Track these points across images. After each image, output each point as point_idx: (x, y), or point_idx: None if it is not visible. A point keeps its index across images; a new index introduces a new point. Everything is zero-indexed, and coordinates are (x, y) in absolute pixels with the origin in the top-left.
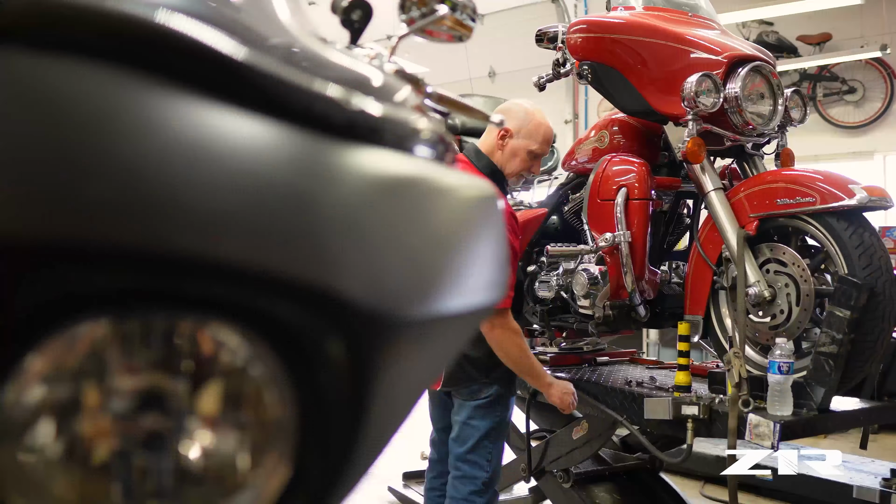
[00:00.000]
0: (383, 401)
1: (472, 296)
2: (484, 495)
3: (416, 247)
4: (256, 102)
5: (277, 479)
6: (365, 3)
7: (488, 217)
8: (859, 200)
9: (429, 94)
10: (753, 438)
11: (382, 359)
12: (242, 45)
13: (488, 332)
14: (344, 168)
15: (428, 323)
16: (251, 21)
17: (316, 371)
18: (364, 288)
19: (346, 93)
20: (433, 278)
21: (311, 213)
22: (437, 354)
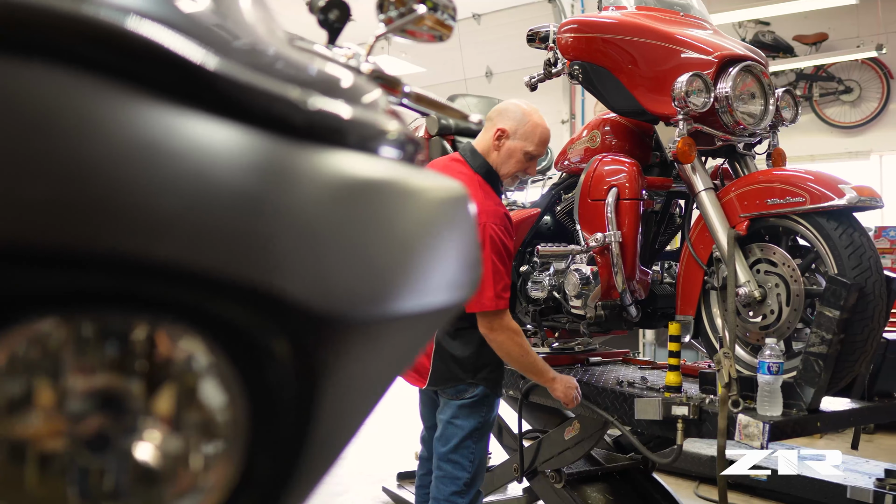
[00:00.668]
0: (335, 401)
1: (432, 296)
2: (465, 496)
3: (370, 247)
4: (209, 103)
5: (226, 479)
6: (342, 3)
7: (454, 218)
8: (849, 200)
9: (407, 93)
10: (743, 439)
11: (331, 359)
12: (195, 45)
13: (488, 334)
14: (296, 169)
15: (383, 323)
16: (206, 20)
17: (263, 371)
18: (310, 288)
19: (303, 93)
20: (388, 279)
21: (257, 214)
22: (396, 355)
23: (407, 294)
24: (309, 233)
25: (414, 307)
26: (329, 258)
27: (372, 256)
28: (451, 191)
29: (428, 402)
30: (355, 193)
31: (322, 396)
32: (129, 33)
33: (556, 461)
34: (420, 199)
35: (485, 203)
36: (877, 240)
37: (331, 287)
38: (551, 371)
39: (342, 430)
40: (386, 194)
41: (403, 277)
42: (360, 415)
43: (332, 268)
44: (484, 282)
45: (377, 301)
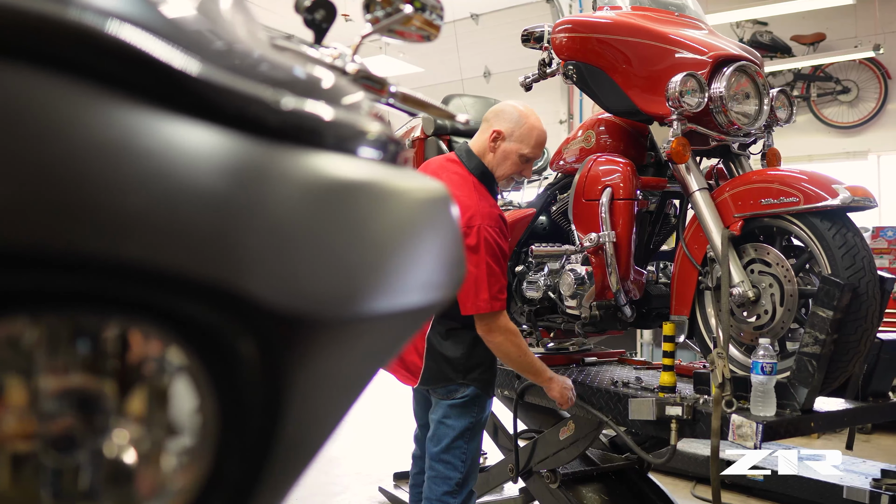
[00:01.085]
0: (305, 402)
1: (408, 296)
2: (457, 496)
3: (341, 248)
4: (178, 102)
5: (195, 479)
6: (328, 3)
7: (432, 218)
8: (842, 200)
9: (393, 93)
10: (736, 439)
11: (299, 359)
12: (164, 44)
13: (486, 335)
14: (267, 169)
15: (354, 323)
16: (177, 19)
17: (231, 372)
18: (277, 289)
19: (277, 94)
20: (359, 279)
21: (224, 214)
22: (371, 355)
23: (380, 294)
24: (277, 233)
25: (388, 307)
26: (298, 258)
27: (343, 257)
28: (432, 192)
29: (421, 400)
30: (327, 194)
31: (290, 397)
32: (95, 31)
33: (552, 461)
34: (397, 200)
35: (479, 205)
36: (874, 240)
37: (299, 287)
38: (548, 371)
39: (315, 431)
40: (360, 195)
41: (376, 277)
42: (335, 415)
43: (300, 268)
44: (479, 284)
45: (348, 301)
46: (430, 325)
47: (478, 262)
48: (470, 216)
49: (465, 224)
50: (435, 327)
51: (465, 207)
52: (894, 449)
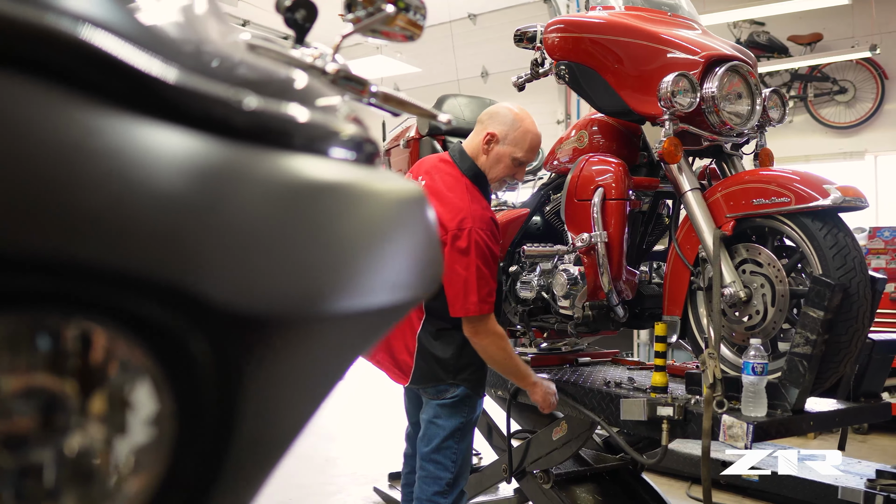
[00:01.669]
0: (264, 402)
1: (374, 295)
2: (448, 496)
3: (302, 248)
4: (138, 102)
5: (150, 479)
6: (309, 3)
7: (403, 219)
8: (833, 200)
9: (374, 93)
10: (727, 439)
11: (256, 359)
12: (124, 44)
13: (472, 337)
14: (226, 169)
15: (314, 323)
16: (140, 20)
17: (186, 371)
18: (232, 289)
19: (240, 94)
20: (320, 279)
21: (179, 214)
22: (337, 355)
23: (343, 294)
24: (233, 233)
25: (351, 307)
26: (254, 259)
27: (303, 257)
28: (404, 193)
29: (413, 398)
30: (289, 194)
31: (247, 396)
32: (53, 31)
33: (545, 461)
34: (364, 201)
35: (471, 207)
36: (871, 240)
37: (254, 287)
38: (533, 375)
39: (279, 430)
40: (325, 195)
41: (338, 277)
42: (301, 414)
43: (256, 268)
44: (468, 287)
45: (307, 301)
46: (420, 325)
47: (468, 264)
48: (462, 218)
49: (456, 226)
50: (425, 327)
51: (457, 210)
52: (891, 449)
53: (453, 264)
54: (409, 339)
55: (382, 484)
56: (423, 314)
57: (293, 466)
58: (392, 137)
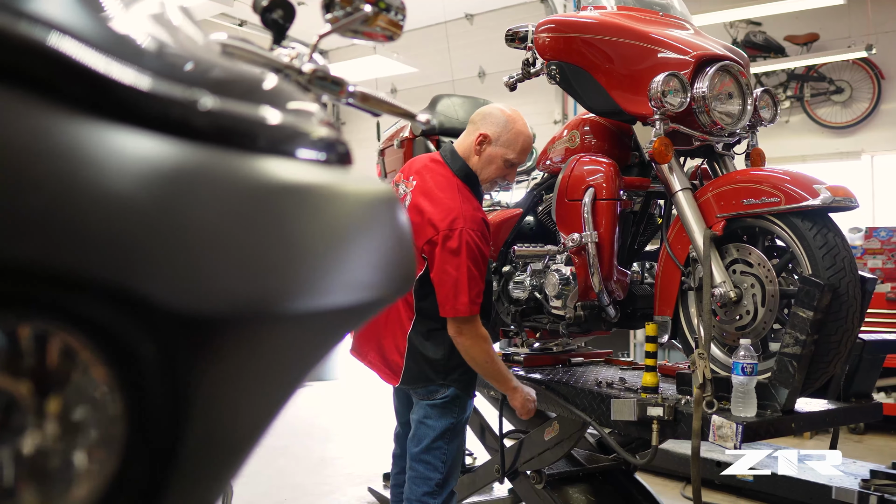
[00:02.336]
0: (216, 401)
1: (334, 296)
2: (438, 496)
3: (256, 249)
4: (86, 102)
5: (100, 479)
6: (286, 3)
7: (366, 219)
8: (823, 200)
9: (352, 93)
10: (717, 440)
11: (205, 359)
12: (74, 43)
13: (456, 337)
14: (177, 171)
15: (270, 323)
16: (96, 21)
17: (135, 372)
18: (177, 290)
19: (195, 95)
20: (274, 279)
21: (125, 216)
22: (296, 354)
23: (300, 294)
24: (180, 235)
25: (310, 307)
26: (203, 260)
27: (257, 258)
28: (370, 194)
29: (403, 398)
30: (243, 195)
31: (197, 396)
32: None
33: (537, 462)
34: (326, 201)
35: (463, 208)
36: (867, 240)
37: (203, 289)
38: (513, 380)
39: (235, 431)
40: (282, 196)
41: (294, 278)
42: (261, 415)
43: (205, 269)
44: (459, 287)
45: (260, 302)
46: (411, 326)
47: (458, 265)
48: (453, 219)
49: (447, 227)
50: (416, 328)
51: (449, 210)
52: (887, 450)
53: (444, 264)
54: (399, 340)
55: (377, 484)
56: (414, 315)
57: (288, 466)
58: (386, 137)
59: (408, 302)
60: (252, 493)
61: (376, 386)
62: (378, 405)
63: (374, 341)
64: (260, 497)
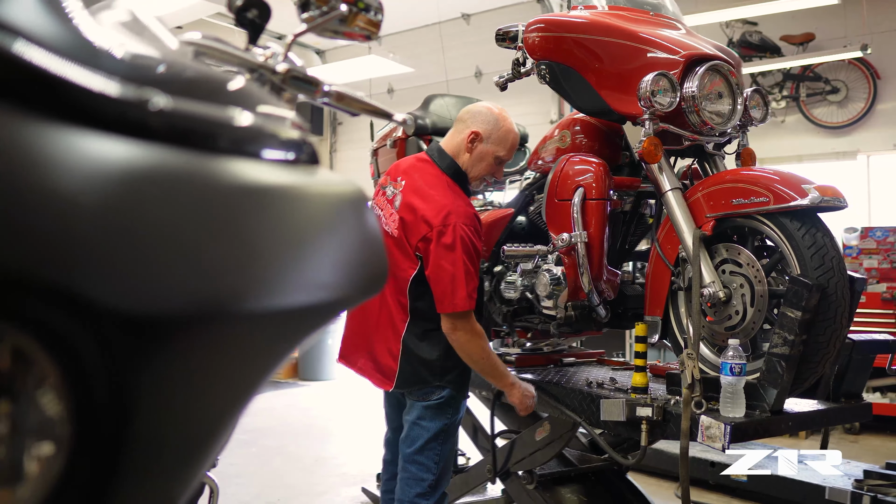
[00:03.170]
0: (165, 402)
1: (292, 296)
2: (430, 498)
3: (208, 249)
4: (38, 103)
5: (47, 476)
6: (261, 3)
7: (328, 219)
8: (811, 200)
9: (328, 93)
10: (705, 440)
11: (150, 359)
12: (31, 47)
13: (450, 333)
14: (125, 170)
15: (220, 324)
16: (50, 21)
17: (80, 372)
18: (116, 290)
19: (148, 94)
20: (224, 280)
21: (65, 216)
22: (255, 355)
23: (252, 294)
24: (126, 235)
25: (264, 307)
26: (150, 260)
27: (207, 258)
28: (335, 195)
29: (394, 403)
30: (196, 195)
31: (142, 395)
32: None
33: (528, 462)
34: (284, 201)
35: (455, 203)
36: (863, 240)
37: (148, 289)
38: (510, 376)
39: (189, 431)
40: (237, 196)
41: (246, 278)
42: (217, 415)
43: (152, 270)
44: (456, 282)
45: (209, 302)
46: (405, 328)
47: (454, 260)
48: (446, 214)
49: (441, 222)
50: (411, 329)
51: (441, 206)
52: (882, 450)
53: (439, 260)
54: (392, 343)
55: (371, 484)
56: (408, 316)
57: (283, 466)
58: (380, 137)
59: (401, 304)
60: (246, 493)
61: (372, 387)
62: (374, 405)
63: (363, 347)
64: (253, 497)
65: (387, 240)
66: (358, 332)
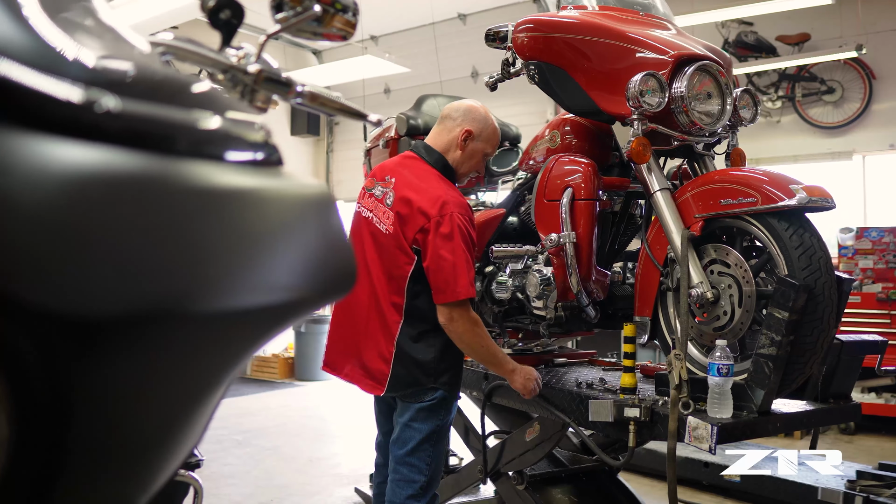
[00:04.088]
0: (105, 403)
1: (240, 297)
2: (422, 499)
3: (151, 250)
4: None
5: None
6: (234, 3)
7: (285, 221)
8: (799, 201)
9: (301, 93)
10: (692, 441)
11: (91, 360)
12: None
13: (448, 324)
14: (68, 173)
15: (166, 324)
16: (15, 25)
17: (18, 373)
18: (57, 292)
19: (96, 96)
20: (170, 281)
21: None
22: (206, 355)
23: (202, 295)
24: (64, 237)
25: (215, 307)
26: (92, 262)
27: (154, 260)
28: (297, 196)
29: (384, 408)
30: (143, 197)
31: (85, 397)
32: None
33: (518, 462)
34: (240, 203)
35: (449, 193)
36: (859, 240)
37: (89, 291)
38: (511, 362)
39: (139, 431)
40: (188, 198)
41: (196, 279)
42: (171, 415)
43: (93, 272)
44: (458, 271)
45: (156, 303)
46: (399, 330)
47: (454, 248)
48: (442, 203)
49: (437, 212)
50: (405, 331)
51: (436, 197)
52: (876, 450)
53: (438, 250)
54: (383, 347)
55: (364, 484)
56: (402, 318)
57: (276, 467)
58: (373, 137)
59: (395, 305)
60: (238, 494)
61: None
62: (369, 406)
63: (351, 353)
64: (245, 497)
65: (381, 239)
66: (344, 338)
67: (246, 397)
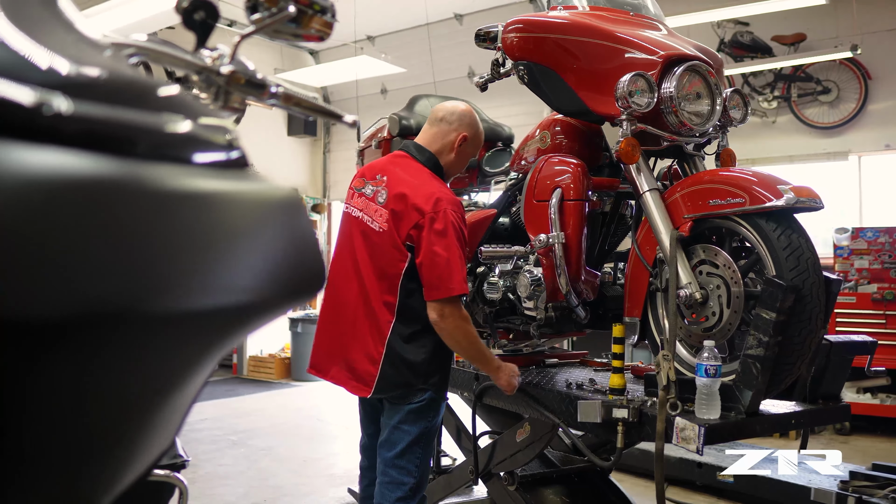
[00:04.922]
0: (55, 408)
1: (194, 299)
2: (411, 501)
3: (96, 252)
4: None
5: None
6: (208, 4)
7: (246, 222)
8: (787, 201)
9: (275, 94)
10: (680, 442)
11: (26, 364)
12: None
13: (438, 321)
14: (8, 175)
15: (115, 326)
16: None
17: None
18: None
19: (47, 97)
20: (118, 282)
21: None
22: (162, 358)
23: (151, 296)
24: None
25: (165, 309)
26: (28, 263)
27: (98, 261)
28: (260, 197)
29: (369, 409)
30: (89, 199)
31: (26, 401)
32: None
33: (509, 463)
34: (196, 204)
35: (441, 190)
36: (854, 241)
37: (24, 293)
38: (496, 360)
39: (89, 435)
40: (140, 200)
41: (145, 281)
42: (125, 419)
43: (30, 273)
44: (452, 267)
45: (98, 305)
46: (390, 330)
47: (448, 245)
48: (436, 199)
49: (431, 208)
50: (396, 331)
51: (429, 193)
52: (871, 451)
53: (432, 246)
54: (371, 348)
55: (357, 485)
56: (394, 317)
57: (270, 467)
58: (366, 138)
59: (387, 303)
60: (232, 494)
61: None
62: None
63: (337, 355)
64: (239, 498)
65: (374, 238)
66: (331, 340)
67: (242, 398)
